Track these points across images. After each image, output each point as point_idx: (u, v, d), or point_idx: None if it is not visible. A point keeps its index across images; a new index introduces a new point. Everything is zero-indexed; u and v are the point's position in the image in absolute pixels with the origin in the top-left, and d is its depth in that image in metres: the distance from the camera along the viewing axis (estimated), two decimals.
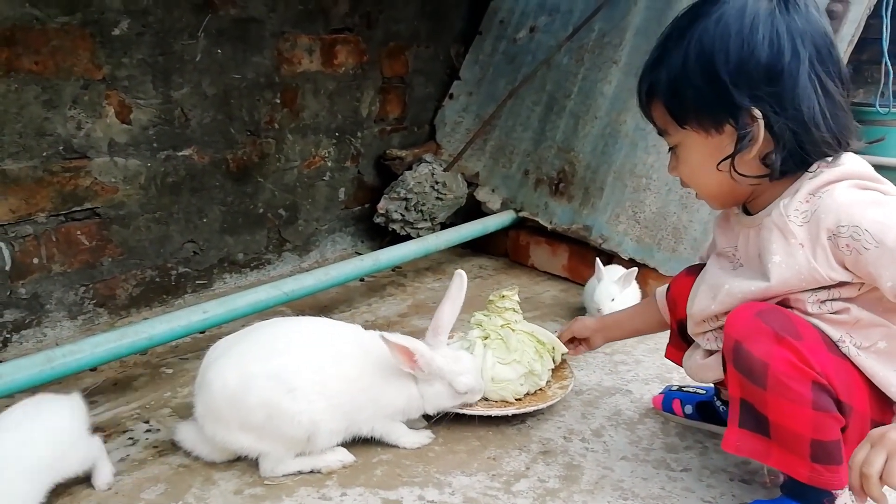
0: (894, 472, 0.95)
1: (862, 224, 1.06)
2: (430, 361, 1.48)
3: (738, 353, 1.16)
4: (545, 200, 2.75)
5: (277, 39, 2.51)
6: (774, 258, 1.16)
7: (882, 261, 1.05)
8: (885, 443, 0.97)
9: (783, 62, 1.09)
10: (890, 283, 1.05)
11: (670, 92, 1.18)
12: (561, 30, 2.91)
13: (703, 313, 1.32)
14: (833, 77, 1.12)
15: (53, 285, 2.06)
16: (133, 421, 1.67)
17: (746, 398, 1.18)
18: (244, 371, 1.38)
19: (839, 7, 2.14)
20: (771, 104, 1.11)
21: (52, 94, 1.95)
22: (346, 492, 1.40)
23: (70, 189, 2.05)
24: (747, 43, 1.10)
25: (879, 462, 0.96)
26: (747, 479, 1.45)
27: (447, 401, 1.55)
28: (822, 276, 1.12)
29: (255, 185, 2.56)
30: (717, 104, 1.14)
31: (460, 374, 1.52)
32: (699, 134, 1.18)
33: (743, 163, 1.16)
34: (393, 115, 3.06)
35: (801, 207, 1.13)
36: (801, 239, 1.13)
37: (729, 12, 1.11)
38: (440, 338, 1.54)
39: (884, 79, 4.13)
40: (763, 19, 1.10)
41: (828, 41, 1.12)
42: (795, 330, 1.13)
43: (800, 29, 1.10)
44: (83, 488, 1.40)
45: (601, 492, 1.41)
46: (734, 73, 1.10)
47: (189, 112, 2.30)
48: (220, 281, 2.54)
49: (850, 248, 1.07)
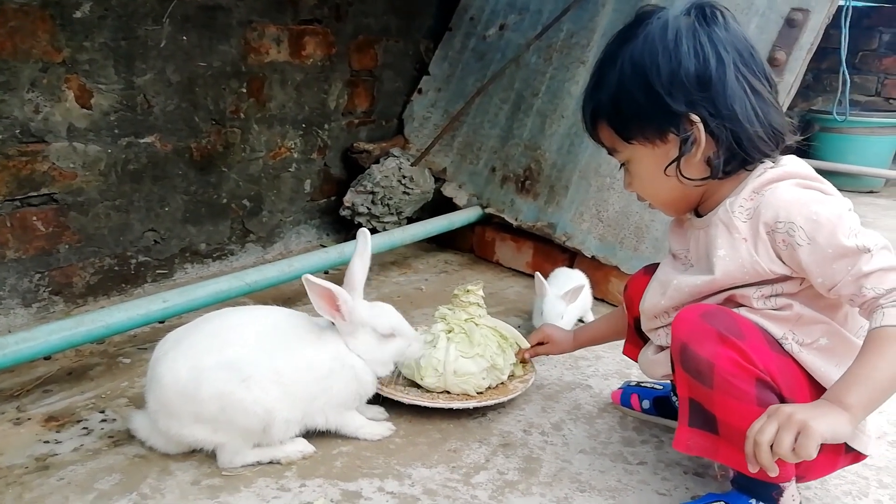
0: (783, 441, 1.00)
1: (797, 221, 1.12)
2: (351, 308, 1.47)
3: (685, 354, 1.19)
4: (511, 197, 2.77)
5: (245, 28, 2.48)
6: (719, 252, 1.21)
7: (813, 257, 1.11)
8: (778, 415, 1.03)
9: (710, 68, 1.15)
10: (820, 279, 1.11)
11: (612, 111, 1.24)
12: (530, 29, 2.93)
13: (654, 308, 1.37)
14: (759, 77, 1.19)
15: (7, 272, 2.01)
16: (88, 411, 1.64)
17: (694, 397, 1.21)
18: (195, 363, 1.36)
19: (799, 16, 2.20)
20: (706, 108, 1.16)
21: (9, 76, 1.90)
22: (305, 483, 1.40)
23: (26, 173, 2.00)
24: (674, 55, 1.16)
25: (770, 432, 1.02)
26: (700, 473, 1.48)
27: (378, 350, 1.52)
28: (763, 269, 1.17)
29: (219, 174, 2.53)
30: (657, 115, 1.19)
31: (378, 316, 1.52)
32: (645, 146, 1.24)
33: (689, 167, 1.22)
34: (361, 109, 3.05)
35: (745, 205, 1.19)
36: (745, 234, 1.18)
37: (653, 31, 1.18)
38: (356, 292, 1.52)
39: (841, 87, 4.26)
40: (685, 33, 1.16)
41: (749, 46, 1.19)
42: (739, 330, 1.17)
43: (720, 38, 1.16)
44: (35, 478, 1.38)
45: (559, 484, 1.43)
46: (667, 84, 1.16)
47: (152, 99, 2.26)
48: (182, 271, 2.50)
49: (786, 243, 1.13)
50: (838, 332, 1.18)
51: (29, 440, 1.51)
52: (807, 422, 1.00)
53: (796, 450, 1.00)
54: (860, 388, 1.03)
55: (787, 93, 2.19)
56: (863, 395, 1.03)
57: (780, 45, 2.22)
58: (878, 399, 1.05)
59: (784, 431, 1.01)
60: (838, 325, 1.19)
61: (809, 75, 3.87)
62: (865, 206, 4.23)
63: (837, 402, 1.03)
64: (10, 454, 1.46)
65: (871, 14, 4.91)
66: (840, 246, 1.09)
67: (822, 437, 0.99)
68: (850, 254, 1.08)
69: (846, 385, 1.05)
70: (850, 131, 4.52)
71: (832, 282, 1.10)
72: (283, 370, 1.40)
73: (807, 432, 0.99)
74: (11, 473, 1.39)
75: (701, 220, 1.29)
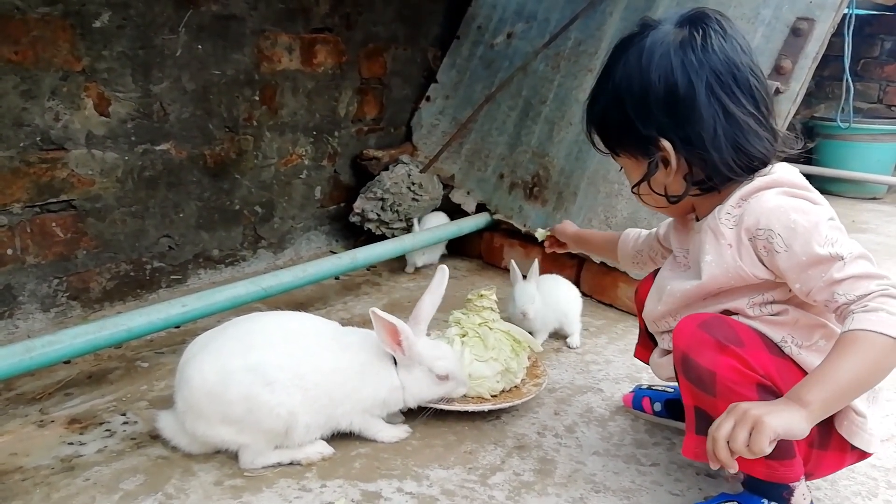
0: (738, 437, 1.03)
1: (775, 228, 1.16)
2: (412, 344, 1.52)
3: (687, 364, 1.23)
4: (519, 204, 2.80)
5: (258, 37, 2.52)
6: (707, 257, 1.26)
7: (789, 264, 1.15)
8: (735, 412, 1.06)
9: (679, 94, 1.19)
10: (798, 284, 1.16)
11: (600, 126, 1.33)
12: (538, 37, 2.97)
13: (652, 314, 1.43)
14: (739, 97, 1.20)
15: (27, 277, 2.05)
16: (109, 413, 1.67)
17: (699, 405, 1.25)
18: (223, 366, 1.40)
19: (805, 25, 2.23)
20: (675, 132, 1.21)
21: (30, 85, 1.94)
22: (325, 483, 1.43)
23: (46, 180, 2.03)
24: (644, 81, 1.21)
25: (727, 428, 1.05)
26: (713, 474, 1.51)
27: (427, 389, 1.58)
28: (746, 273, 1.21)
29: (231, 181, 2.57)
30: (632, 136, 1.26)
31: (439, 359, 1.57)
32: (630, 159, 1.31)
33: (671, 183, 1.27)
34: (370, 116, 3.09)
35: (732, 212, 1.23)
36: (730, 240, 1.23)
37: (630, 58, 1.24)
38: (420, 327, 1.58)
39: (844, 94, 4.30)
40: (657, 59, 1.20)
41: (731, 65, 1.19)
42: (738, 337, 1.20)
43: (693, 63, 1.19)
44: (62, 478, 1.40)
45: (574, 485, 1.46)
46: (638, 109, 1.23)
47: (168, 106, 2.29)
48: (195, 276, 2.53)
49: (766, 249, 1.18)
50: (836, 334, 1.21)
51: (53, 442, 1.54)
52: (761, 417, 1.02)
53: (750, 445, 1.02)
54: (820, 387, 1.05)
55: (792, 101, 2.22)
56: (822, 394, 1.05)
57: (786, 53, 2.25)
58: (839, 398, 1.08)
59: (739, 427, 1.03)
60: (834, 326, 1.22)
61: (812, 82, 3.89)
62: (868, 212, 4.27)
63: (796, 400, 1.06)
64: (35, 455, 1.49)
65: (873, 22, 4.95)
66: (814, 254, 1.12)
67: (774, 432, 1.01)
68: (823, 262, 1.12)
69: (807, 384, 1.07)
70: (853, 138, 4.55)
71: (807, 288, 1.14)
72: (307, 375, 1.44)
73: (759, 428, 1.01)
74: (38, 474, 1.42)
75: (697, 224, 1.33)
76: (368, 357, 1.53)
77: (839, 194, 4.65)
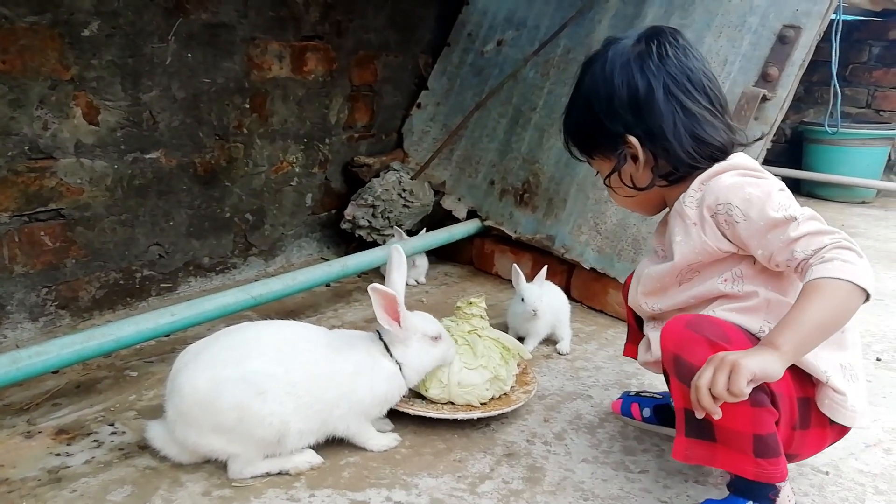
0: (718, 381, 1.10)
1: (733, 202, 1.27)
2: (406, 314, 1.57)
3: (678, 364, 1.25)
4: (510, 210, 2.81)
5: (248, 45, 2.52)
6: (676, 238, 1.37)
7: (749, 231, 1.26)
8: (714, 360, 1.13)
9: (640, 95, 1.34)
10: (760, 250, 1.26)
11: (575, 133, 1.48)
12: (527, 44, 2.98)
13: (633, 299, 1.53)
14: (694, 96, 1.34)
15: (15, 286, 2.04)
16: (97, 423, 1.66)
17: (689, 407, 1.25)
18: (215, 375, 1.39)
19: (791, 33, 2.25)
20: (640, 128, 1.35)
21: (18, 94, 1.94)
22: (314, 493, 1.42)
23: (35, 189, 2.03)
24: (609, 86, 1.36)
25: (707, 375, 1.12)
26: (701, 481, 1.52)
27: (426, 355, 1.62)
28: (712, 248, 1.32)
29: (222, 189, 2.56)
30: (602, 136, 1.40)
31: (428, 322, 1.64)
32: (605, 161, 1.44)
33: (638, 176, 1.41)
34: (361, 123, 3.09)
35: (694, 195, 1.35)
36: (694, 219, 1.34)
37: (596, 69, 1.39)
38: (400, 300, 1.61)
39: (832, 100, 4.32)
40: (618, 68, 1.36)
41: (686, 69, 1.34)
42: (725, 334, 1.24)
43: (651, 68, 1.34)
44: (48, 490, 1.40)
45: (563, 492, 1.46)
46: (605, 111, 1.37)
47: (157, 115, 2.29)
48: (185, 284, 2.53)
49: (727, 222, 1.29)
50: None
51: (41, 453, 1.53)
52: (737, 360, 1.10)
53: (730, 388, 1.09)
54: (789, 331, 1.14)
55: (779, 107, 2.24)
56: (792, 337, 1.14)
57: (773, 61, 2.27)
58: (808, 341, 1.16)
59: (718, 372, 1.11)
60: None
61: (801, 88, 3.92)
62: (858, 216, 4.29)
63: (769, 345, 1.14)
64: (22, 467, 1.48)
65: (861, 27, 4.99)
66: (770, 218, 1.23)
67: (751, 373, 1.09)
68: (779, 224, 1.22)
69: (778, 329, 1.16)
70: (841, 143, 4.59)
71: (769, 251, 1.24)
72: (300, 383, 1.44)
73: (737, 370, 1.09)
74: (25, 486, 1.41)
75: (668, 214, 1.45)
76: (360, 356, 1.54)
77: (828, 199, 4.69)
